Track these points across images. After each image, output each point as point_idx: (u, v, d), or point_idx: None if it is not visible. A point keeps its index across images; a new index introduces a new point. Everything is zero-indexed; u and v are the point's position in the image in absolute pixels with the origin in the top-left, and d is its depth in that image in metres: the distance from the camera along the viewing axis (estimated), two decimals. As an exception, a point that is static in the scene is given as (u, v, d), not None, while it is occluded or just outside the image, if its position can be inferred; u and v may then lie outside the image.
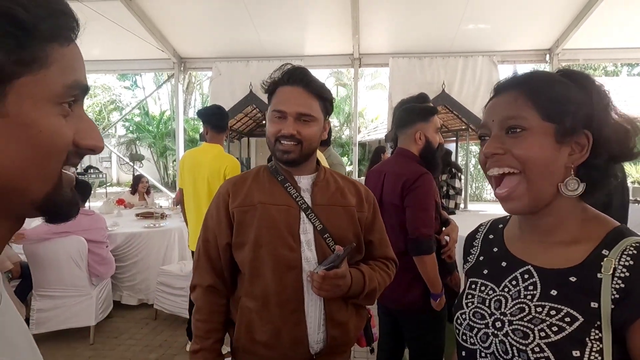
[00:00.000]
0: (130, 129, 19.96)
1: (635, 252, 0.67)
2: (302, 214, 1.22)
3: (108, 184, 13.63)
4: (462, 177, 3.36)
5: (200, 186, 2.83)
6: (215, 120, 2.98)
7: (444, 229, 2.00)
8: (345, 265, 1.17)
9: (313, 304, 1.19)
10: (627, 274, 0.66)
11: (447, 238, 1.98)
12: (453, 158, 7.22)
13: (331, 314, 1.21)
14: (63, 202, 0.45)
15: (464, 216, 4.56)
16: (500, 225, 0.92)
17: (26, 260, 3.36)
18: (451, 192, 4.34)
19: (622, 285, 0.65)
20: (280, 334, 1.17)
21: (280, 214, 1.20)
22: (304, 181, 1.27)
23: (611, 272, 0.67)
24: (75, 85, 0.43)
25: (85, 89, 0.45)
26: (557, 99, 0.72)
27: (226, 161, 2.84)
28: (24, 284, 3.46)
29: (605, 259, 0.69)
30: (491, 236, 0.92)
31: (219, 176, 2.77)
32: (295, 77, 1.20)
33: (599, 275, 0.68)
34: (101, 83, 21.16)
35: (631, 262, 0.66)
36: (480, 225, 0.97)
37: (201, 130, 3.21)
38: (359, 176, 6.95)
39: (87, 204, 3.78)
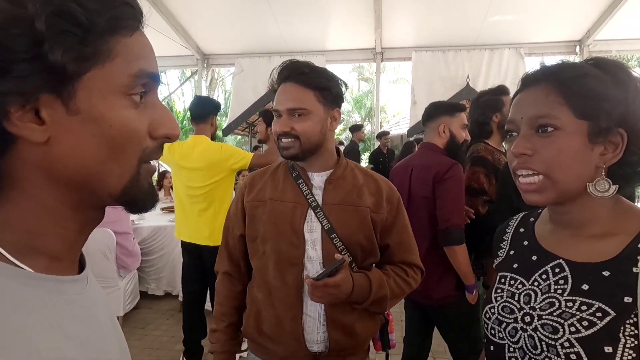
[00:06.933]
0: (155, 125, 20.37)
1: None
2: (311, 212, 1.20)
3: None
4: None
5: (191, 179, 2.66)
6: (194, 110, 2.79)
7: None
8: (344, 273, 1.10)
9: (313, 303, 1.17)
10: None
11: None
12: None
13: (332, 315, 1.18)
14: (140, 194, 0.46)
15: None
16: (532, 219, 0.89)
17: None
18: None
19: None
20: (281, 326, 1.19)
21: (287, 210, 1.20)
22: (318, 178, 1.24)
23: None
24: (141, 74, 0.42)
25: (153, 77, 0.44)
26: (592, 95, 0.68)
27: (221, 152, 2.66)
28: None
29: None
30: (522, 230, 0.89)
31: (220, 166, 2.61)
32: (287, 72, 1.18)
33: (634, 269, 0.65)
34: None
35: None
36: (511, 219, 0.95)
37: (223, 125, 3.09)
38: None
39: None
